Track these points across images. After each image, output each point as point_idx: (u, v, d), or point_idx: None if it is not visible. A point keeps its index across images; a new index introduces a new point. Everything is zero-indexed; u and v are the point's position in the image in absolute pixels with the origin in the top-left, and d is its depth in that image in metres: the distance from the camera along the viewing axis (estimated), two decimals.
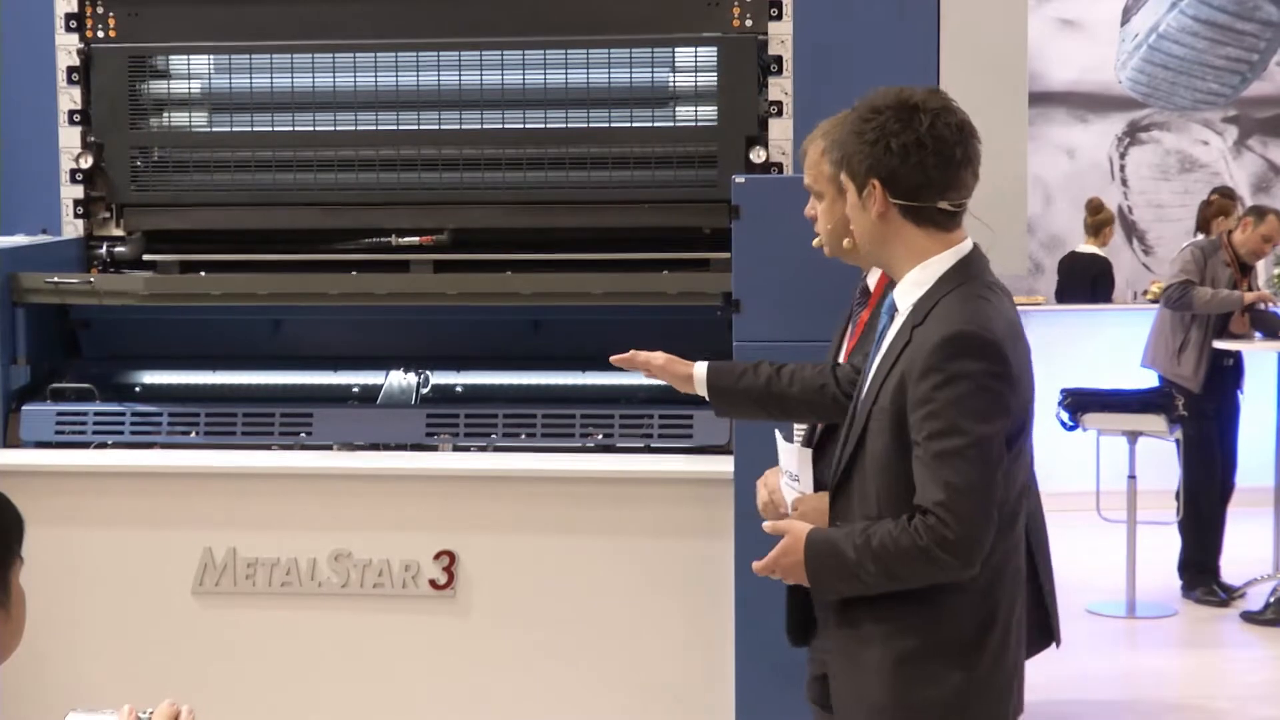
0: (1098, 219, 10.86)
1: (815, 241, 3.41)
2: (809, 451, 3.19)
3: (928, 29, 4.75)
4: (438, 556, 4.56)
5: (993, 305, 2.79)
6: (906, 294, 2.85)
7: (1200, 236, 8.35)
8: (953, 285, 2.80)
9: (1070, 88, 12.27)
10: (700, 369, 3.46)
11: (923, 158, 2.78)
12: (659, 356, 3.52)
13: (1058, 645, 3.64)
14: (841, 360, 3.51)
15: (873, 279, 3.53)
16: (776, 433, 3.35)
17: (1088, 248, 10.45)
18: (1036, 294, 11.06)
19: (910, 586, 2.75)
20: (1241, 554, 8.00)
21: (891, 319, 2.88)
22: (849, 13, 4.83)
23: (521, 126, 4.96)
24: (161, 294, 4.91)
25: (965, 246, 2.86)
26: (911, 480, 2.73)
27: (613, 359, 3.60)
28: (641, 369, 3.54)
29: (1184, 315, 7.72)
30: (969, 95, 4.67)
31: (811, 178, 3.41)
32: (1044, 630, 3.60)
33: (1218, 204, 8.53)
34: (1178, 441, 7.65)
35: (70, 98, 5.09)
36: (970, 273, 2.82)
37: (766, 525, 2.98)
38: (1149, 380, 7.92)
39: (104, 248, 5.13)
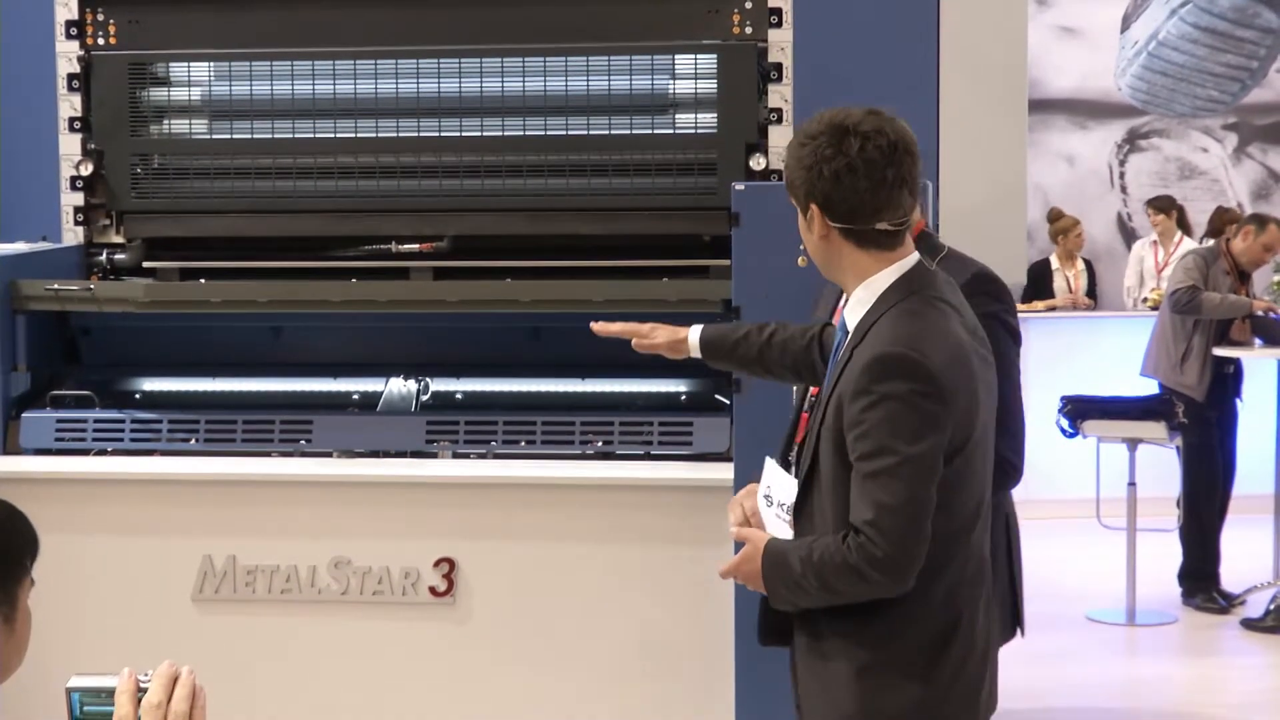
0: (1050, 228, 11.10)
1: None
2: (794, 482, 3.16)
3: (927, 37, 4.75)
4: (437, 564, 4.56)
5: (930, 322, 2.80)
6: (852, 313, 2.89)
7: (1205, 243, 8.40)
8: (892, 303, 2.83)
9: (1070, 95, 12.28)
10: (694, 338, 3.47)
11: (854, 182, 2.80)
12: (660, 334, 3.51)
13: (1023, 635, 3.81)
14: (834, 321, 3.49)
15: None
16: (768, 459, 3.32)
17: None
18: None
19: (846, 601, 2.80)
20: (1241, 561, 7.99)
21: (845, 337, 2.91)
22: (849, 20, 4.83)
23: (521, 134, 4.96)
24: (161, 301, 4.91)
25: (908, 262, 2.87)
26: None
27: (594, 327, 3.61)
28: (643, 349, 3.54)
29: (1187, 323, 7.70)
30: (969, 103, 4.72)
31: None
32: (1013, 619, 3.69)
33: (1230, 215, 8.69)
34: (1178, 448, 7.64)
35: (70, 105, 5.09)
36: (911, 288, 2.84)
37: (732, 531, 3.04)
38: (1149, 387, 7.91)
39: (104, 255, 5.13)
